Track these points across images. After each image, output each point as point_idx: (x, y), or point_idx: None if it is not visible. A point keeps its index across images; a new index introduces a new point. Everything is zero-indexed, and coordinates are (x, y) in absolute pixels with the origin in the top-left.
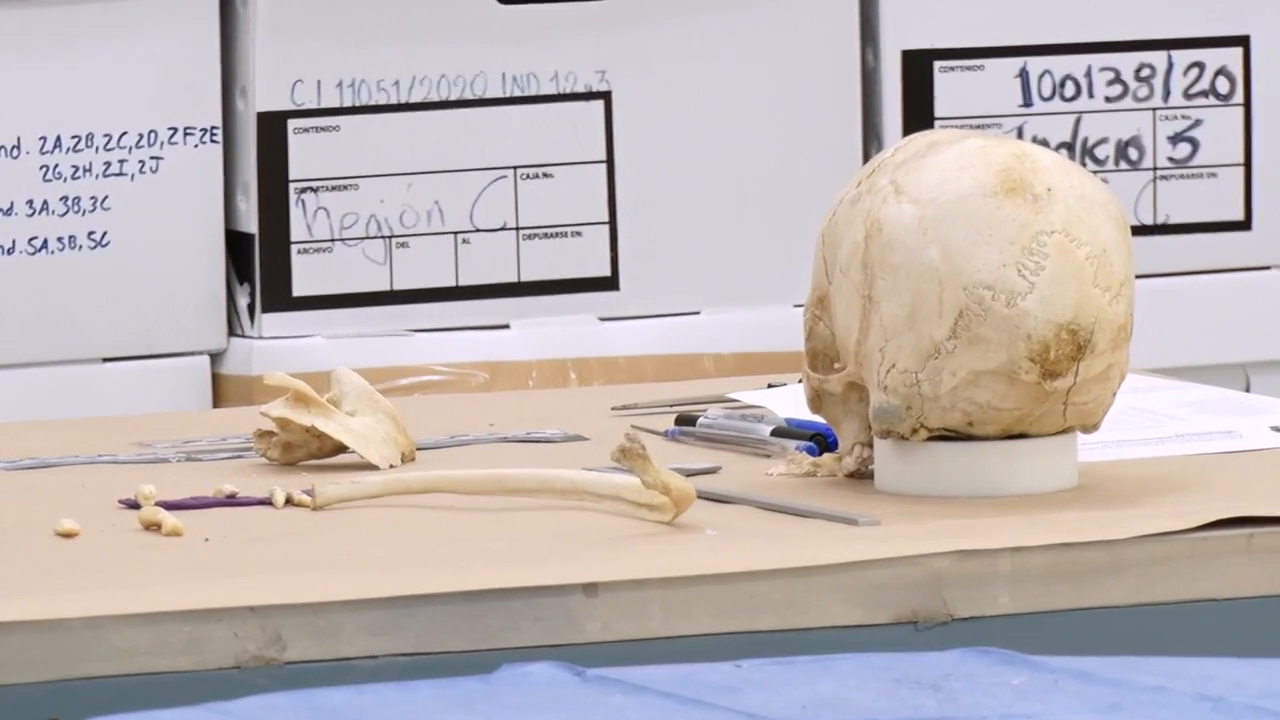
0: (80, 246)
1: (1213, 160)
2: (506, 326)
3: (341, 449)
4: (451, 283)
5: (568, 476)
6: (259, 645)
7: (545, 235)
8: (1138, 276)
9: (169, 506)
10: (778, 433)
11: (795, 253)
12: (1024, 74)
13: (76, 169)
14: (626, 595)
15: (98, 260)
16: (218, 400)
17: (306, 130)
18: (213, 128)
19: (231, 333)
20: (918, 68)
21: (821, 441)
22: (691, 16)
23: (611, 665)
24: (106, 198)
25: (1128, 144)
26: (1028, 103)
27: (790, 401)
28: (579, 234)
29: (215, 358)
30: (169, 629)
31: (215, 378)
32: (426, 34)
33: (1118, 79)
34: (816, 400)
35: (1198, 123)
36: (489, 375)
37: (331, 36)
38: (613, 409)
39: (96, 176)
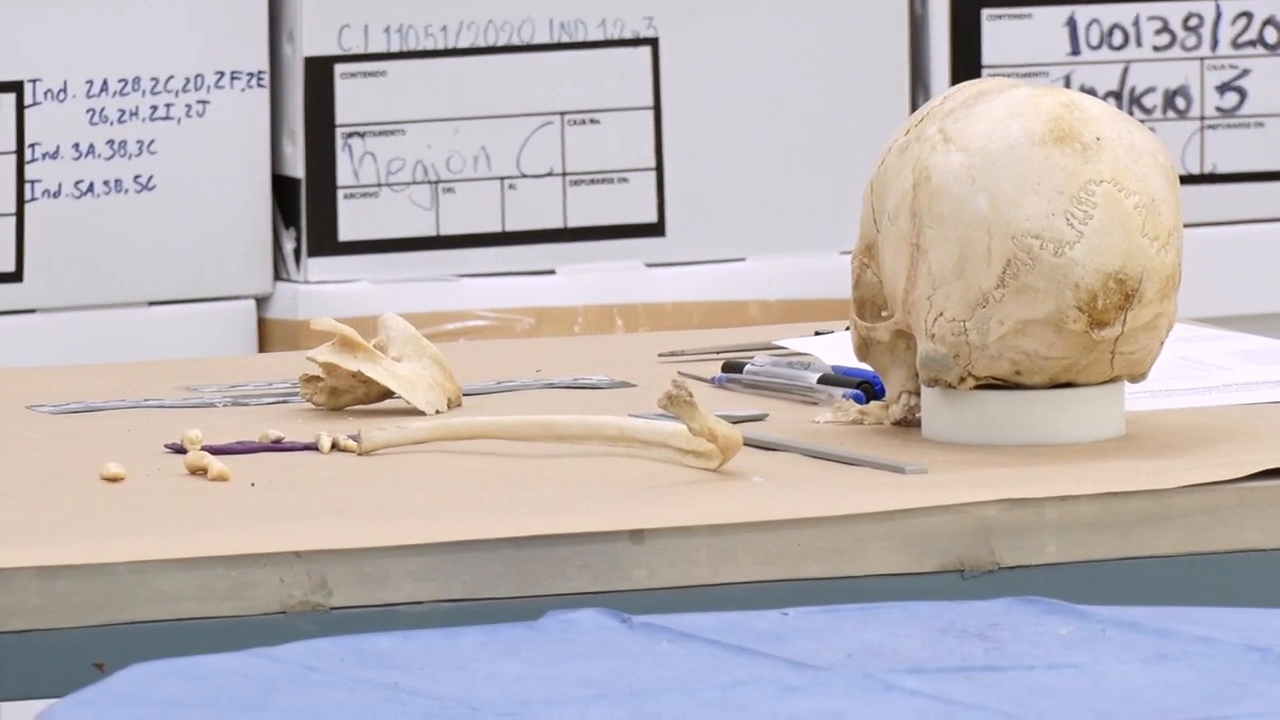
0: (126, 190)
1: (1260, 110)
2: (552, 272)
3: (388, 394)
4: (498, 228)
5: (614, 423)
6: (305, 591)
7: (592, 181)
8: (1185, 226)
9: (215, 451)
10: (825, 380)
11: (842, 200)
12: (1072, 22)
13: (123, 113)
14: (673, 542)
15: (144, 204)
16: (263, 345)
17: (353, 75)
18: (260, 72)
19: (277, 277)
20: (966, 16)
21: (868, 389)
22: None
23: (658, 612)
24: (153, 141)
25: (1175, 93)
26: (1075, 51)
27: (837, 349)
28: (625, 180)
29: (261, 302)
30: (214, 574)
31: (261, 322)
32: None
33: (1165, 28)
34: (864, 348)
35: (1245, 72)
36: (535, 321)
37: None
38: (659, 355)
39: (143, 120)
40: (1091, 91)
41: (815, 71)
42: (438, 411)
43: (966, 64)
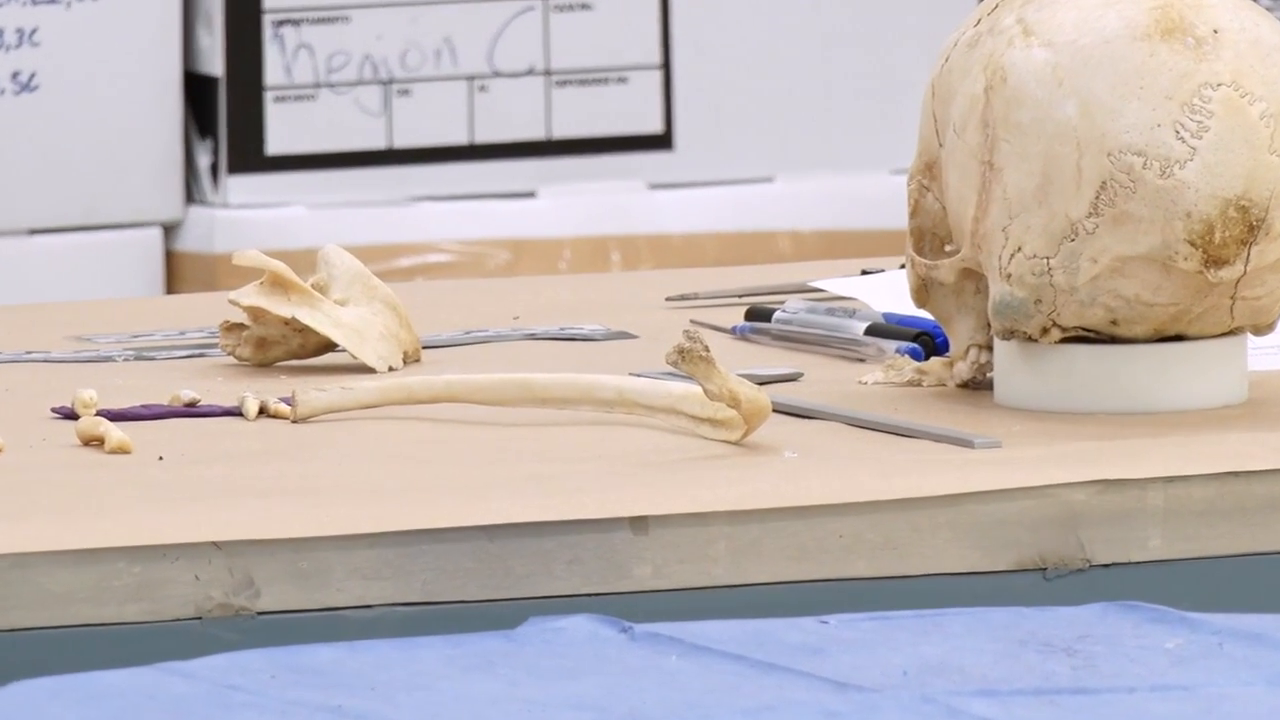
0: (3, 91)
1: None
2: (533, 195)
3: (329, 346)
4: (465, 140)
5: (612, 384)
6: (226, 590)
7: (582, 82)
8: None
9: (113, 417)
10: (873, 331)
11: (895, 108)
12: None
13: None
14: (685, 532)
15: (24, 109)
16: (173, 284)
17: None
18: None
19: (190, 200)
20: None
21: (928, 343)
22: None
23: (665, 619)
24: (35, 31)
25: None
26: None
27: (889, 292)
28: (624, 80)
29: (170, 231)
30: (114, 570)
31: (170, 255)
32: None
33: None
34: (923, 291)
35: None
36: (512, 255)
37: None
38: (667, 300)
39: (22, 4)
40: None
41: None
42: (391, 368)
43: None
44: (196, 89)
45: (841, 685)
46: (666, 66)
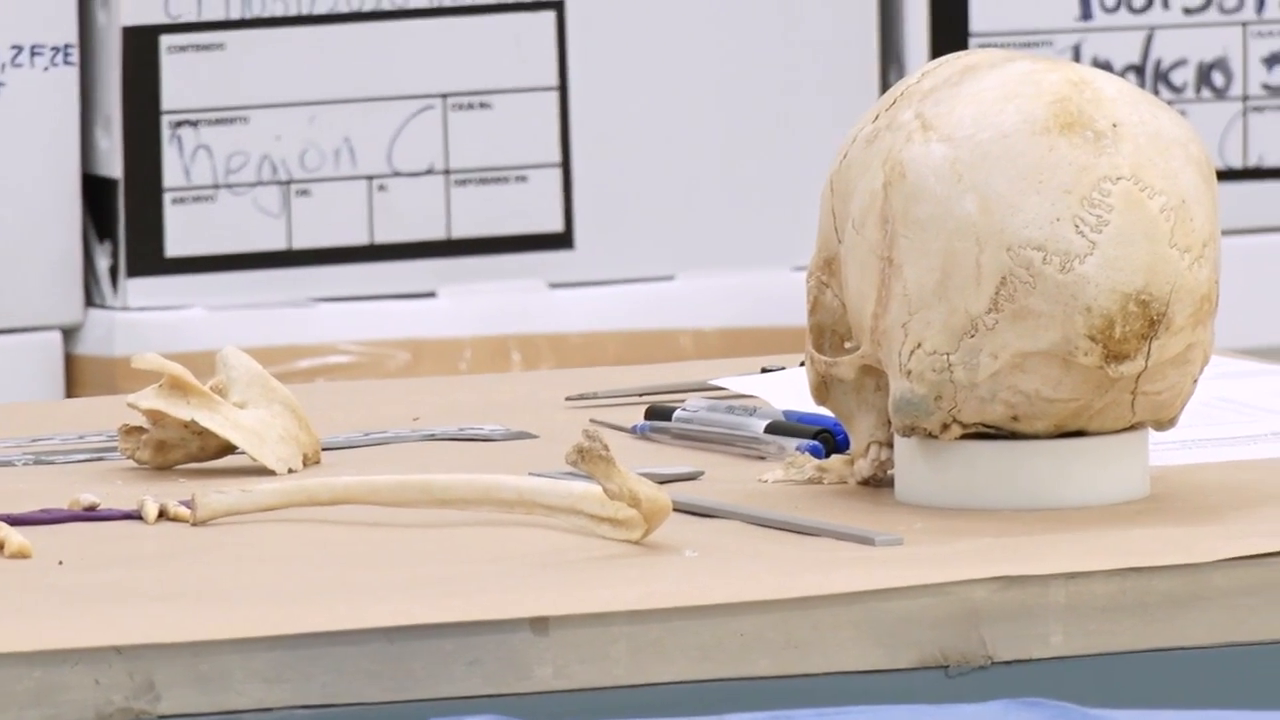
0: None
1: None
2: (433, 295)
3: (229, 449)
4: (365, 240)
5: (512, 484)
6: (126, 695)
7: (482, 180)
8: (1224, 233)
9: (13, 521)
10: (774, 429)
11: (795, 204)
12: None
13: None
14: (585, 633)
15: None
16: (72, 387)
17: (183, 49)
18: (67, 46)
19: (89, 303)
20: None
21: (828, 440)
22: None
23: None
24: None
25: (1212, 68)
26: (1087, 15)
27: (789, 390)
28: (524, 179)
29: (69, 334)
30: (13, 675)
31: (69, 359)
32: None
33: None
34: (823, 388)
35: None
36: (411, 356)
37: None
38: (567, 399)
39: None
40: (1107, 66)
41: (763, 42)
42: (291, 470)
43: (950, 32)
44: (95, 191)
45: None
46: (566, 165)
